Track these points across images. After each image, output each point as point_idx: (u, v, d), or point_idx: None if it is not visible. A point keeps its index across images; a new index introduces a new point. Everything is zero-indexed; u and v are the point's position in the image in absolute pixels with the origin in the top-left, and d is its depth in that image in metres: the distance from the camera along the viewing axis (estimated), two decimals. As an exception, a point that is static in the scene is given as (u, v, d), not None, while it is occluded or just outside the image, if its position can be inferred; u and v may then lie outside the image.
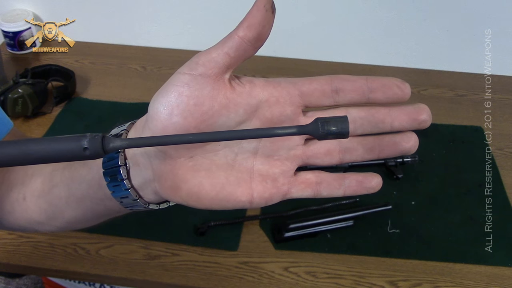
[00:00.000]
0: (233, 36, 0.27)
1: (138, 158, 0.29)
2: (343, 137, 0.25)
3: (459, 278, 0.70)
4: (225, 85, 0.28)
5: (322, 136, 0.25)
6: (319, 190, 0.30)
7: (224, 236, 0.74)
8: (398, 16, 1.06)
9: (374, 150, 0.30)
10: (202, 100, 0.27)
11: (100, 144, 0.24)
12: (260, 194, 0.29)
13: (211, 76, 0.27)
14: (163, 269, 0.70)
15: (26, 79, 0.95)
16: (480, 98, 1.03)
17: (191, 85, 0.27)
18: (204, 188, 0.29)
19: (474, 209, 0.79)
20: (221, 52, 0.27)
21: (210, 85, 0.27)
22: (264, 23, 0.26)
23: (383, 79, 0.29)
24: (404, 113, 0.29)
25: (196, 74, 0.27)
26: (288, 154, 0.30)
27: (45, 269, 0.71)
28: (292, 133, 0.25)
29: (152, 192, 0.30)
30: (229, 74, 0.28)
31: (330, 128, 0.25)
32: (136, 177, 0.30)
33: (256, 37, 0.27)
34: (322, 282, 0.69)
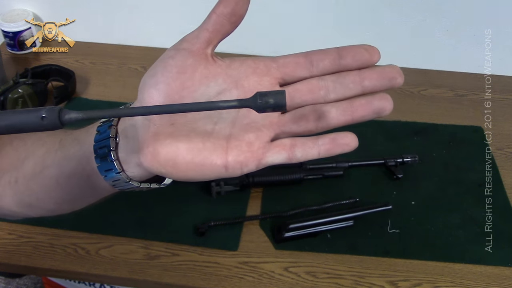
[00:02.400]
0: (211, 13, 0.30)
1: (128, 131, 0.31)
2: (281, 109, 0.27)
3: (459, 278, 0.70)
4: (206, 58, 0.31)
5: (260, 108, 0.27)
6: (294, 152, 0.30)
7: (224, 236, 0.74)
8: (398, 16, 1.06)
9: (347, 111, 0.30)
10: (184, 69, 0.30)
11: (57, 114, 0.25)
12: (235, 157, 0.30)
13: (194, 50, 0.30)
14: (163, 269, 0.70)
15: (26, 79, 0.95)
16: (480, 98, 1.03)
17: (175, 57, 0.30)
18: (181, 152, 0.29)
19: (474, 209, 0.79)
20: (202, 29, 0.30)
21: (193, 57, 0.30)
22: (238, 0, 0.29)
23: (353, 46, 0.30)
24: (375, 72, 0.30)
25: (181, 48, 0.30)
26: (264, 121, 0.31)
27: (45, 269, 0.71)
28: (234, 106, 0.27)
29: (136, 164, 0.31)
30: (210, 49, 0.31)
31: (267, 101, 0.26)
32: (123, 149, 0.31)
33: (230, 12, 0.30)
34: (322, 282, 0.69)
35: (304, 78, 0.31)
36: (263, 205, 0.79)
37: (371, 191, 0.82)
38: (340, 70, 0.31)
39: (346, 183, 0.83)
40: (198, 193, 0.80)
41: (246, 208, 0.78)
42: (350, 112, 0.30)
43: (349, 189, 0.81)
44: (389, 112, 0.30)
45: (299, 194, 0.80)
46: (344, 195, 0.79)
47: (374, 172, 0.85)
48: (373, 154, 0.87)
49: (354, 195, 0.79)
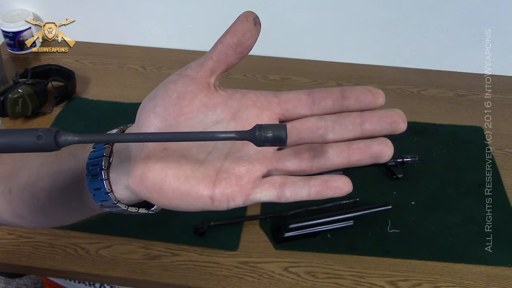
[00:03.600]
0: (217, 42, 0.30)
1: (121, 152, 0.31)
2: (280, 144, 0.26)
3: (459, 278, 0.70)
4: (208, 87, 0.31)
5: (258, 141, 0.26)
6: (283, 191, 0.29)
7: (224, 236, 0.74)
8: (398, 16, 1.06)
9: (344, 153, 0.29)
10: (184, 96, 0.30)
11: (53, 136, 0.25)
12: (222, 189, 0.29)
13: (197, 78, 0.30)
14: (163, 269, 0.70)
15: (26, 79, 0.95)
16: (480, 98, 1.03)
17: (177, 83, 0.30)
18: (168, 178, 0.29)
19: (474, 209, 0.79)
20: (206, 57, 0.30)
21: (194, 85, 0.30)
22: (245, 32, 0.29)
23: (358, 87, 0.30)
24: (376, 115, 0.29)
25: (184, 74, 0.30)
26: (257, 156, 0.30)
27: (45, 269, 0.71)
28: (232, 138, 0.26)
29: (124, 186, 0.30)
30: (214, 78, 0.31)
31: (267, 135, 0.25)
32: (114, 169, 0.31)
33: (236, 43, 0.29)
34: (322, 282, 0.69)
35: (305, 116, 0.30)
36: (263, 205, 0.79)
37: (371, 191, 0.82)
38: (342, 111, 0.30)
39: (346, 183, 0.83)
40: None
41: (246, 208, 0.78)
42: (347, 154, 0.29)
43: (349, 189, 0.81)
44: (388, 158, 0.29)
45: (299, 194, 0.80)
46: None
47: (374, 172, 0.85)
48: (373, 154, 0.87)
49: (354, 195, 0.79)
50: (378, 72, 1.11)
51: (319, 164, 0.30)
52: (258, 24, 0.29)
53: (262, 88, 0.36)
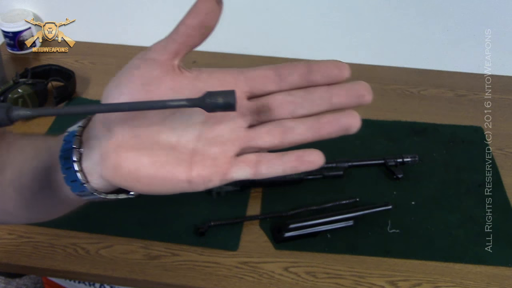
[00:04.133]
0: (180, 24, 0.29)
1: (91, 142, 0.31)
2: (230, 109, 0.26)
3: (459, 278, 0.70)
4: (173, 70, 0.30)
5: (209, 107, 0.26)
6: (259, 168, 0.30)
7: (224, 236, 0.74)
8: (398, 16, 1.06)
9: (314, 127, 0.30)
10: (149, 81, 0.29)
11: (5, 111, 0.25)
12: (199, 172, 0.29)
13: (161, 61, 0.29)
14: (163, 269, 0.70)
15: (26, 79, 0.95)
16: (480, 98, 1.03)
17: (141, 67, 0.29)
18: (144, 166, 0.29)
19: (474, 209, 0.79)
20: (169, 39, 0.29)
21: (159, 69, 0.29)
22: (208, 11, 0.28)
23: (323, 61, 0.30)
24: (343, 89, 0.30)
25: (147, 58, 0.29)
26: (230, 136, 0.30)
27: (45, 269, 0.71)
28: (183, 105, 0.26)
29: (99, 175, 0.30)
30: (177, 60, 0.30)
31: (216, 100, 0.26)
32: (87, 160, 0.31)
33: (199, 24, 0.28)
34: (322, 282, 0.69)
35: (273, 92, 0.31)
36: (263, 205, 0.79)
37: (371, 191, 0.82)
38: (309, 85, 0.30)
39: (346, 183, 0.83)
40: (198, 193, 0.79)
41: (246, 208, 0.78)
42: (317, 128, 0.30)
43: (349, 189, 0.82)
44: (356, 130, 0.30)
45: (299, 194, 0.80)
46: (344, 195, 0.79)
47: (374, 172, 0.85)
48: (373, 154, 0.87)
49: (354, 195, 0.79)
50: (378, 72, 1.11)
51: (290, 139, 0.30)
52: (221, 1, 0.28)
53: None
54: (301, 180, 0.81)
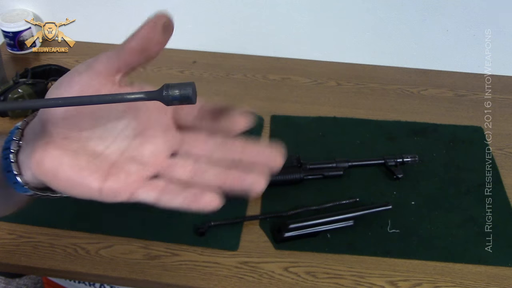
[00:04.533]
0: (124, 44, 0.29)
1: (28, 135, 0.32)
2: (188, 102, 0.26)
3: (459, 278, 0.70)
4: (113, 83, 0.30)
5: (166, 100, 0.26)
6: (161, 195, 0.31)
7: (224, 236, 0.74)
8: (398, 16, 1.06)
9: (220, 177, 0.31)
10: (86, 88, 0.29)
11: None
12: (111, 185, 0.31)
13: (102, 72, 0.30)
14: (163, 269, 0.70)
15: (26, 79, 0.95)
16: (480, 98, 1.03)
17: (83, 75, 0.30)
18: (63, 166, 0.30)
19: (474, 209, 0.79)
20: (115, 54, 0.30)
21: (98, 79, 0.30)
22: (151, 38, 0.28)
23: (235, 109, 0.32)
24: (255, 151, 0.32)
25: (91, 67, 0.30)
26: (150, 159, 0.32)
27: (45, 269, 0.71)
28: (141, 98, 0.26)
29: (28, 167, 0.31)
30: (119, 76, 0.31)
31: (174, 93, 0.26)
32: (22, 153, 0.32)
33: (141, 49, 0.29)
34: (322, 282, 0.69)
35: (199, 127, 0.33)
36: (263, 205, 0.79)
37: (371, 191, 0.82)
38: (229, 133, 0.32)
39: (346, 183, 0.83)
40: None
41: (246, 208, 0.78)
42: (223, 179, 0.31)
43: (349, 189, 0.82)
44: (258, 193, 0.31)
45: (299, 194, 0.81)
46: (344, 195, 0.79)
47: (374, 172, 0.85)
48: (373, 154, 0.87)
49: (354, 195, 0.79)
50: (378, 72, 1.11)
51: (199, 180, 0.32)
52: (169, 29, 0.29)
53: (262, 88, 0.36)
54: (301, 180, 0.81)
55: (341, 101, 1.02)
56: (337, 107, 1.00)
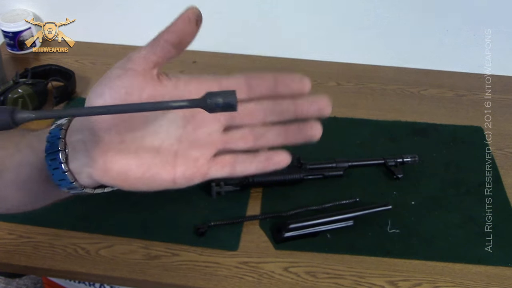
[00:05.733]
0: (159, 38, 0.31)
1: (76, 145, 0.33)
2: (231, 109, 0.27)
3: (459, 278, 0.70)
4: (153, 79, 0.32)
5: (210, 108, 0.27)
6: (234, 168, 0.34)
7: (224, 236, 0.74)
8: (398, 16, 1.06)
9: (281, 135, 0.34)
10: (132, 90, 0.31)
11: (9, 114, 0.25)
12: (182, 173, 0.33)
13: (140, 71, 0.31)
14: (163, 269, 0.70)
15: (26, 79, 0.95)
16: (480, 98, 1.03)
17: (123, 77, 0.31)
18: (131, 168, 0.32)
19: (474, 209, 0.79)
20: (149, 51, 0.31)
21: (139, 78, 0.31)
22: (186, 31, 0.31)
23: (289, 76, 0.34)
24: (306, 103, 0.34)
25: (127, 68, 0.31)
26: (207, 140, 0.34)
27: (45, 269, 0.71)
28: (184, 106, 0.27)
29: (87, 176, 0.33)
30: (156, 70, 0.32)
31: (217, 101, 0.27)
32: (73, 161, 0.33)
33: (177, 42, 0.31)
34: (322, 282, 0.69)
35: (242, 100, 0.34)
36: (263, 205, 0.79)
37: (371, 191, 0.82)
38: (275, 95, 0.34)
39: (346, 183, 0.83)
40: (198, 193, 0.80)
41: (246, 208, 0.78)
42: (285, 136, 0.34)
43: (349, 189, 0.81)
44: (318, 138, 0.34)
45: (299, 194, 0.81)
46: (344, 195, 0.79)
47: (374, 172, 0.85)
48: (373, 154, 0.87)
49: (354, 195, 0.79)
50: (378, 72, 1.11)
51: (261, 144, 0.35)
52: (200, 21, 0.31)
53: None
54: (301, 180, 0.81)
55: (341, 101, 1.01)
56: (337, 107, 0.99)
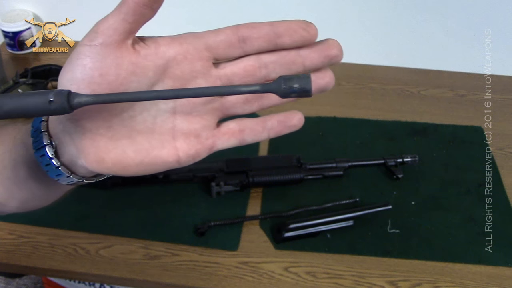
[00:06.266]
0: (128, 1, 0.26)
1: (60, 136, 0.29)
2: (306, 94, 0.25)
3: (459, 278, 0.70)
4: (128, 51, 0.27)
5: (284, 93, 0.25)
6: (243, 137, 0.30)
7: (224, 236, 0.74)
8: (398, 16, 1.06)
9: None
10: (107, 70, 0.26)
11: (66, 98, 0.23)
12: (186, 152, 0.29)
13: (112, 44, 0.27)
14: (163, 269, 0.70)
15: (26, 79, 0.95)
16: (480, 98, 1.03)
17: (93, 56, 0.26)
18: (128, 155, 0.29)
19: (474, 209, 0.79)
20: (118, 19, 0.27)
21: (113, 54, 0.27)
22: None
23: (288, 22, 0.28)
24: (314, 51, 0.29)
25: (96, 44, 0.26)
26: (206, 108, 0.30)
27: (45, 269, 0.71)
28: (256, 90, 0.25)
29: (82, 166, 0.30)
30: (131, 39, 0.27)
31: (292, 85, 0.25)
32: (64, 155, 0.30)
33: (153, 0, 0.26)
34: (322, 282, 0.69)
35: (238, 56, 0.29)
36: (263, 205, 0.79)
37: (371, 191, 0.82)
38: (276, 49, 0.29)
39: (346, 183, 0.83)
40: (198, 193, 0.80)
41: (246, 208, 0.78)
42: None
43: (349, 189, 0.81)
44: (332, 86, 0.30)
45: (299, 194, 0.80)
46: (344, 195, 0.79)
47: (374, 172, 0.85)
48: (373, 154, 0.87)
49: (354, 195, 0.79)
50: (378, 72, 1.11)
51: (267, 104, 0.30)
52: None
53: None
54: (301, 180, 0.81)
55: (341, 101, 1.01)
56: (337, 107, 0.99)
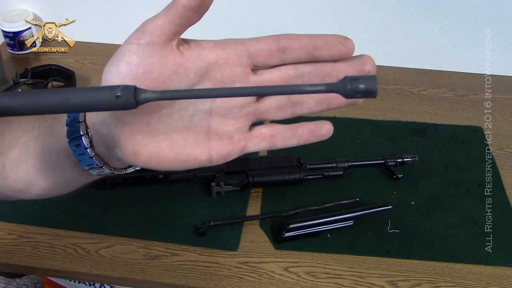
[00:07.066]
0: (177, 4, 0.27)
1: (98, 127, 0.30)
2: (371, 95, 0.25)
3: (459, 278, 0.70)
4: (173, 52, 0.28)
5: (349, 94, 0.25)
6: (274, 142, 0.32)
7: (224, 236, 0.74)
8: (398, 16, 1.06)
9: (323, 102, 0.31)
10: (151, 68, 0.27)
11: (132, 94, 0.24)
12: (218, 152, 0.31)
13: (158, 44, 0.28)
14: (163, 269, 0.70)
15: (26, 79, 0.95)
16: (480, 98, 1.03)
17: (139, 54, 0.27)
18: (164, 151, 0.30)
19: (474, 209, 0.79)
20: (166, 20, 0.28)
21: (158, 53, 0.28)
22: None
23: (327, 37, 0.30)
24: (350, 65, 0.30)
25: (143, 43, 0.27)
26: (241, 112, 0.31)
27: (45, 269, 0.71)
28: (321, 90, 0.25)
29: (116, 158, 0.31)
30: (176, 40, 0.29)
31: (358, 86, 0.25)
32: (99, 145, 0.31)
33: (198, 5, 0.27)
34: (322, 282, 0.69)
35: (276, 64, 0.31)
36: (263, 205, 0.79)
37: (371, 191, 0.82)
38: (313, 60, 0.30)
39: (346, 183, 0.83)
40: (198, 193, 0.80)
41: (246, 208, 0.78)
42: (327, 103, 0.31)
43: (349, 189, 0.81)
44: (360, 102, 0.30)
45: (299, 194, 0.80)
46: (344, 195, 0.79)
47: (374, 172, 0.85)
48: (373, 154, 0.87)
49: (354, 195, 0.79)
50: (378, 72, 1.10)
51: (300, 112, 0.32)
52: None
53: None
54: (301, 180, 0.81)
55: (341, 101, 1.01)
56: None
